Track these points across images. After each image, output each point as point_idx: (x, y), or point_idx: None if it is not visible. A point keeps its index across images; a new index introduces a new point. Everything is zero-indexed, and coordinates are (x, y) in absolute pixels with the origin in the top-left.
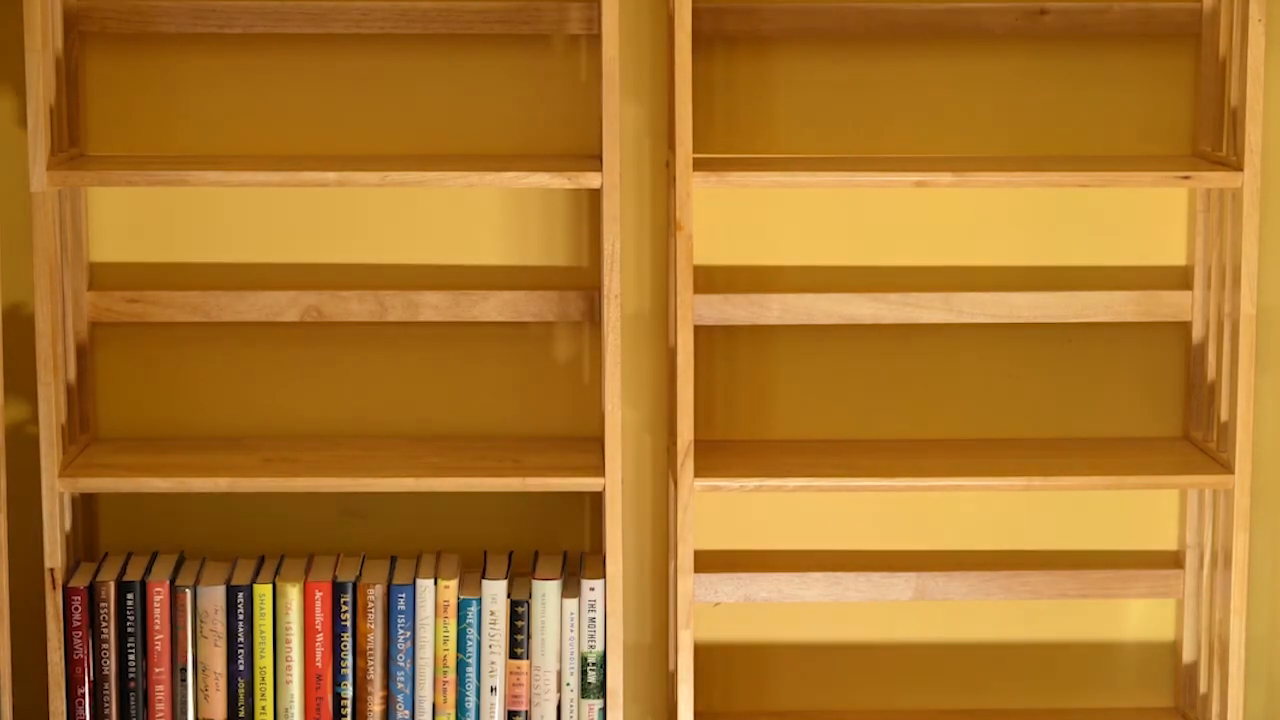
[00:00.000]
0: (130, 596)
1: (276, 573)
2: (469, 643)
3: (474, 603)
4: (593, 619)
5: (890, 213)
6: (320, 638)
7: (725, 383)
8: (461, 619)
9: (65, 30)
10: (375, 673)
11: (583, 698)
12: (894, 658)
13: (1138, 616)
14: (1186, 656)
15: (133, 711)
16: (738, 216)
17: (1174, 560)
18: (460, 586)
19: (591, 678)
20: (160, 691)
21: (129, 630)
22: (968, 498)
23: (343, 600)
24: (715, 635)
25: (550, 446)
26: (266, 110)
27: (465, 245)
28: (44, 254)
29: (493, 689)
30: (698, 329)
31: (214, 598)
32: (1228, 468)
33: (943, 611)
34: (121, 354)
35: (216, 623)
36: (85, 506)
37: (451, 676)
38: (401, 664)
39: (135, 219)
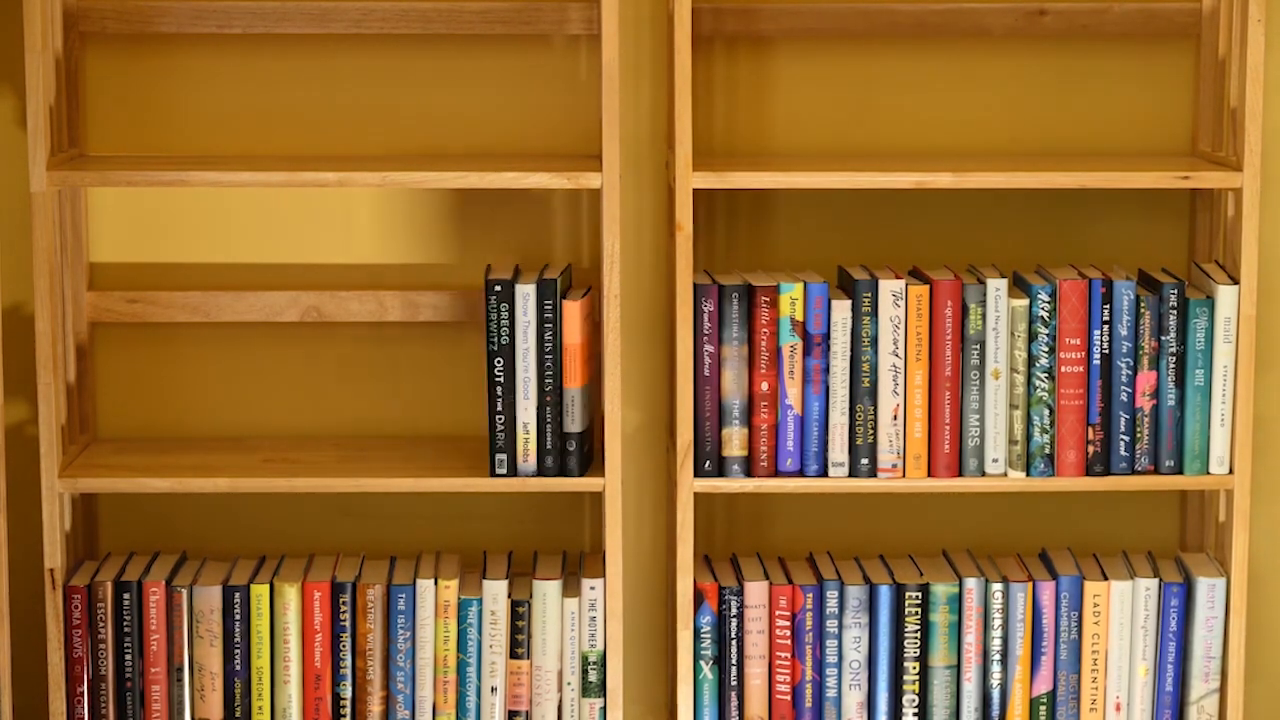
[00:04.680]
0: (127, 596)
1: (276, 573)
2: (470, 643)
3: (475, 603)
4: (593, 618)
5: (888, 212)
6: (319, 638)
7: None
8: (462, 619)
9: (65, 30)
10: (375, 673)
11: (583, 697)
12: None
13: None
14: None
15: (129, 711)
16: (737, 216)
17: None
18: (461, 586)
19: (592, 677)
20: (156, 691)
21: (125, 630)
22: (968, 497)
23: (341, 600)
24: None
25: None
26: (266, 110)
27: (465, 245)
28: (44, 254)
29: (493, 689)
30: None
31: (210, 598)
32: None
33: None
34: (121, 354)
35: (212, 623)
36: (85, 506)
37: (452, 676)
38: (401, 664)
39: (135, 219)
